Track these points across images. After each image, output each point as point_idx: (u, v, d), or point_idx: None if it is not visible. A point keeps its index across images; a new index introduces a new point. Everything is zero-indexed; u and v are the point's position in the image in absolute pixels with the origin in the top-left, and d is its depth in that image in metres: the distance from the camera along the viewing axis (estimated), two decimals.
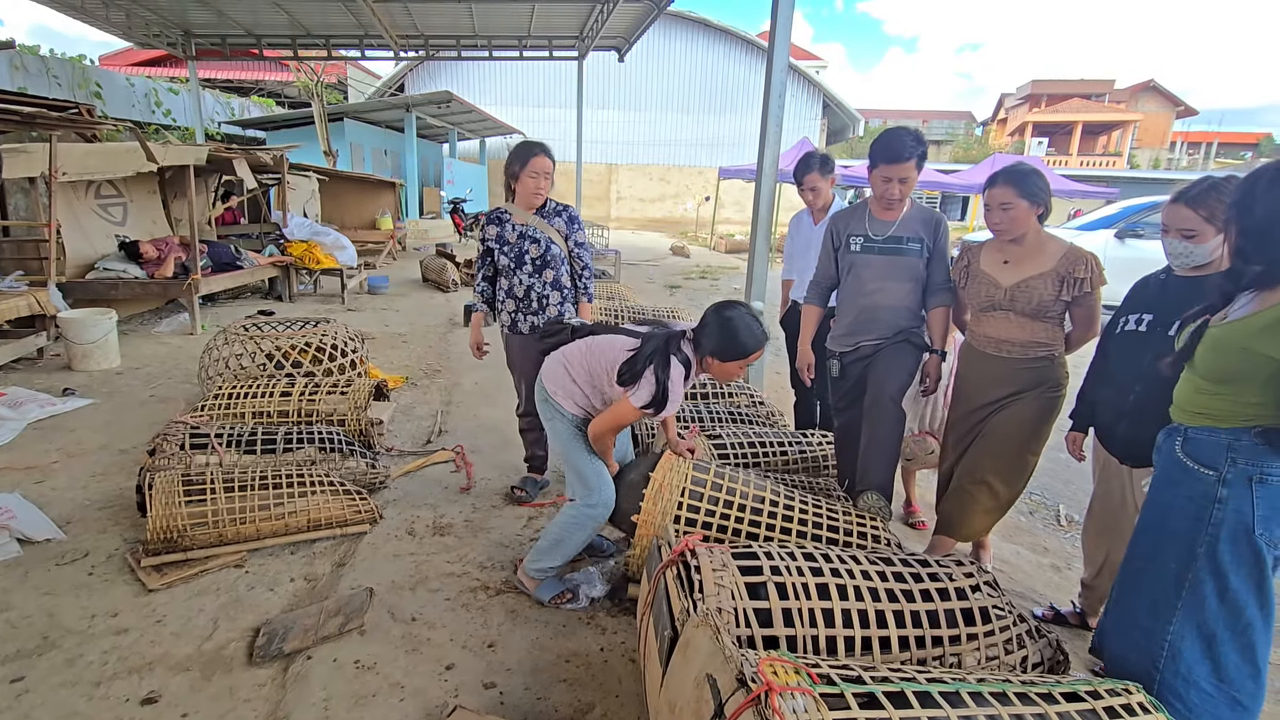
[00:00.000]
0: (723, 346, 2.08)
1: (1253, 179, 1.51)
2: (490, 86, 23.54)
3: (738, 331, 2.06)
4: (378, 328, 6.61)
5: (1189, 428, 1.63)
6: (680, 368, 2.07)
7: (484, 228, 2.98)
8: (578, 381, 2.24)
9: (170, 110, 14.17)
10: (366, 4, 9.58)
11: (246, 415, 3.31)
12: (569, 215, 2.99)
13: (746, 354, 2.09)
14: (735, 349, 2.07)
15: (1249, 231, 1.50)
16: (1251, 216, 1.49)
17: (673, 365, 2.05)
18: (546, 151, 2.85)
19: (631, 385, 2.08)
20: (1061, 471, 3.95)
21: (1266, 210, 1.47)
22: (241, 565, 2.50)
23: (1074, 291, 2.27)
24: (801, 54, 35.17)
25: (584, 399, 2.26)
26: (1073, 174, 22.90)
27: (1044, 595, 2.66)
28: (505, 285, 2.97)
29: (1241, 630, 1.55)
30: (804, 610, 1.65)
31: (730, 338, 2.07)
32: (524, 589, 2.36)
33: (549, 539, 2.30)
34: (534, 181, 2.82)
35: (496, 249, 2.94)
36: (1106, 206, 9.87)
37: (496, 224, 2.95)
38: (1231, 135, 48.65)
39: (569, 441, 2.28)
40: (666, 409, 2.07)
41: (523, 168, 2.80)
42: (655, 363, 2.04)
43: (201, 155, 5.92)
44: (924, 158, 2.45)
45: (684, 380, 2.09)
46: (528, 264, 2.90)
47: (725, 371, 2.14)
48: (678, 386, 2.06)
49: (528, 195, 2.86)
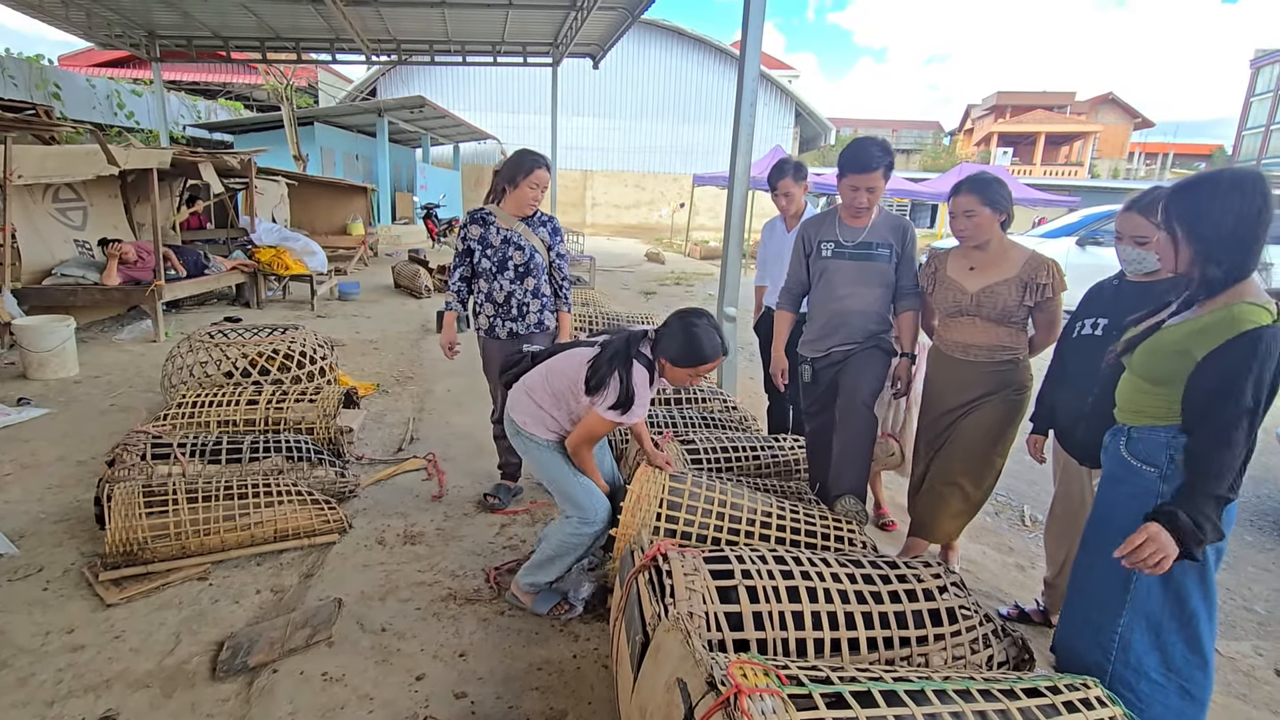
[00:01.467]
0: (682, 352, 2.08)
1: (1210, 191, 1.53)
2: (464, 92, 23.42)
3: (698, 339, 2.08)
4: (348, 334, 6.51)
5: (1132, 427, 1.69)
6: (643, 369, 2.08)
7: (465, 227, 2.93)
8: (544, 407, 2.23)
9: (133, 112, 13.86)
10: (337, 7, 9.47)
11: (211, 424, 3.23)
12: (553, 226, 3.01)
13: (703, 362, 2.09)
14: (693, 356, 2.08)
15: (1212, 240, 1.52)
16: (1218, 226, 1.51)
17: (635, 367, 2.06)
18: (548, 165, 2.89)
19: (598, 393, 2.07)
20: (1025, 473, 4.04)
21: (1234, 218, 1.51)
22: (205, 578, 2.44)
23: (1036, 297, 2.34)
24: (774, 63, 35.64)
25: (554, 422, 2.24)
26: (1036, 183, 23.52)
27: (1009, 594, 2.72)
28: (484, 289, 2.94)
29: (1186, 621, 1.60)
30: (774, 613, 1.67)
31: (691, 343, 2.07)
32: (518, 604, 2.33)
33: (544, 555, 2.27)
34: (532, 192, 2.84)
35: (479, 250, 2.91)
36: (1069, 215, 10.15)
37: (480, 225, 2.91)
38: (1186, 146, 50.47)
39: (551, 466, 2.25)
40: (633, 411, 2.07)
41: (525, 177, 2.81)
42: (617, 365, 2.05)
43: (165, 158, 5.78)
44: (890, 168, 2.50)
45: (648, 382, 2.10)
46: (510, 270, 2.90)
47: (676, 376, 2.15)
48: (643, 388, 2.07)
49: (522, 204, 2.86)
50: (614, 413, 2.06)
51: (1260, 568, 3.23)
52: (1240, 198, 1.50)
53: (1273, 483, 4.19)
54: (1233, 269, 1.52)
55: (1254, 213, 1.49)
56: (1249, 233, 1.50)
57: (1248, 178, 1.52)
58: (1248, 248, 1.52)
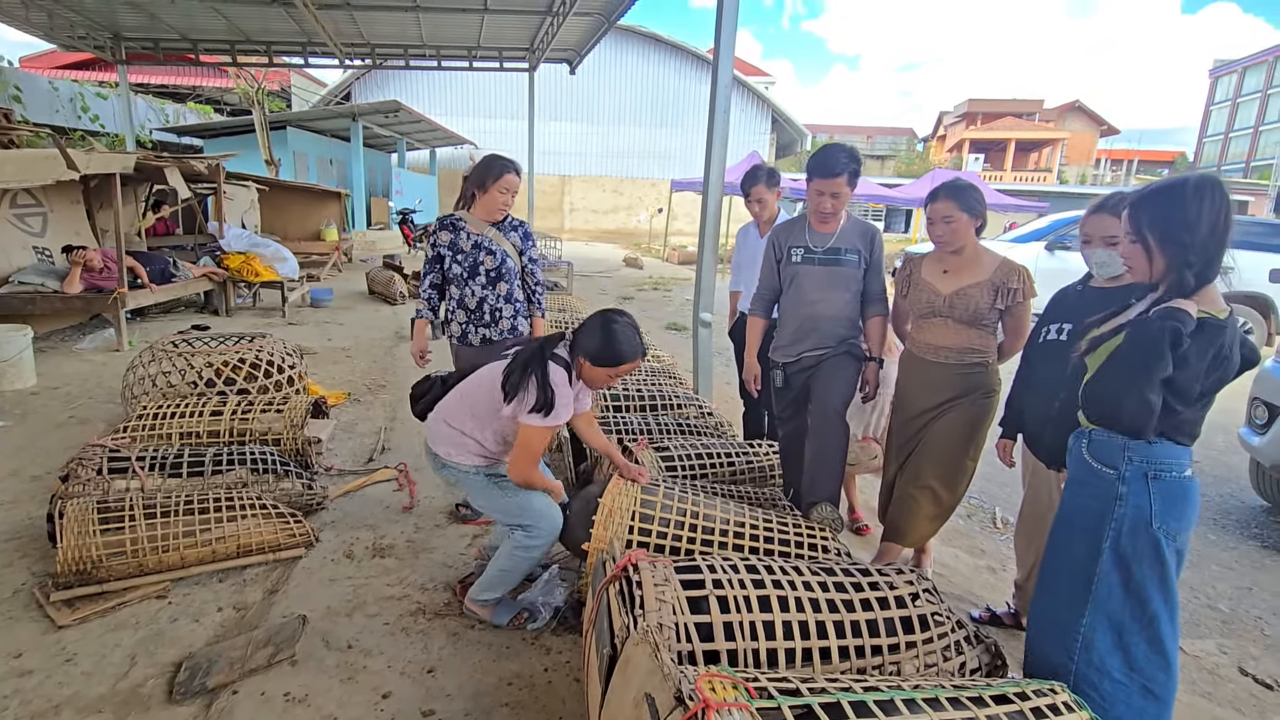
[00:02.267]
0: (599, 350, 2.07)
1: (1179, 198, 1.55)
2: (441, 96, 23.27)
3: (617, 337, 2.06)
4: (320, 342, 6.40)
5: (1092, 429, 1.71)
6: (559, 369, 2.04)
7: (435, 233, 2.90)
8: (466, 431, 2.17)
9: (98, 116, 13.54)
10: (309, 11, 9.34)
11: (173, 436, 3.14)
12: (524, 230, 3.00)
13: (620, 362, 2.08)
14: (611, 354, 2.07)
15: (1189, 245, 1.54)
16: (1193, 232, 1.53)
17: (550, 367, 2.02)
18: (518, 169, 2.87)
19: (516, 397, 2.02)
20: (997, 475, 4.08)
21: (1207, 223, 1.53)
22: (164, 596, 2.36)
23: (1007, 301, 2.39)
24: (750, 69, 35.96)
25: (479, 446, 2.18)
26: (1007, 189, 23.99)
27: (981, 597, 2.73)
28: (456, 295, 2.91)
29: (1148, 622, 1.62)
30: (745, 623, 1.65)
31: (609, 341, 2.06)
32: (477, 617, 2.29)
33: (494, 571, 2.23)
34: (503, 197, 2.82)
35: (449, 256, 2.88)
36: (1038, 220, 10.35)
37: (450, 230, 2.88)
38: (1150, 153, 51.89)
39: (486, 493, 2.20)
40: (557, 413, 2.01)
41: (495, 181, 2.79)
42: (532, 367, 2.02)
43: (129, 163, 5.64)
44: (856, 174, 2.52)
45: (567, 381, 2.05)
46: (481, 275, 2.87)
47: (593, 377, 2.13)
48: (562, 387, 2.02)
49: (493, 208, 2.84)
50: (537, 416, 2.00)
51: (1223, 566, 3.30)
52: (1209, 203, 1.54)
53: (1235, 482, 4.29)
54: (1204, 273, 1.56)
55: (1222, 217, 1.53)
56: (1220, 237, 1.54)
57: (1209, 183, 1.56)
58: (1217, 252, 1.55)
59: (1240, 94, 52.73)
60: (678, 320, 8.85)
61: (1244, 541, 3.59)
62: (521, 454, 2.06)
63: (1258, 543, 3.59)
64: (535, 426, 2.02)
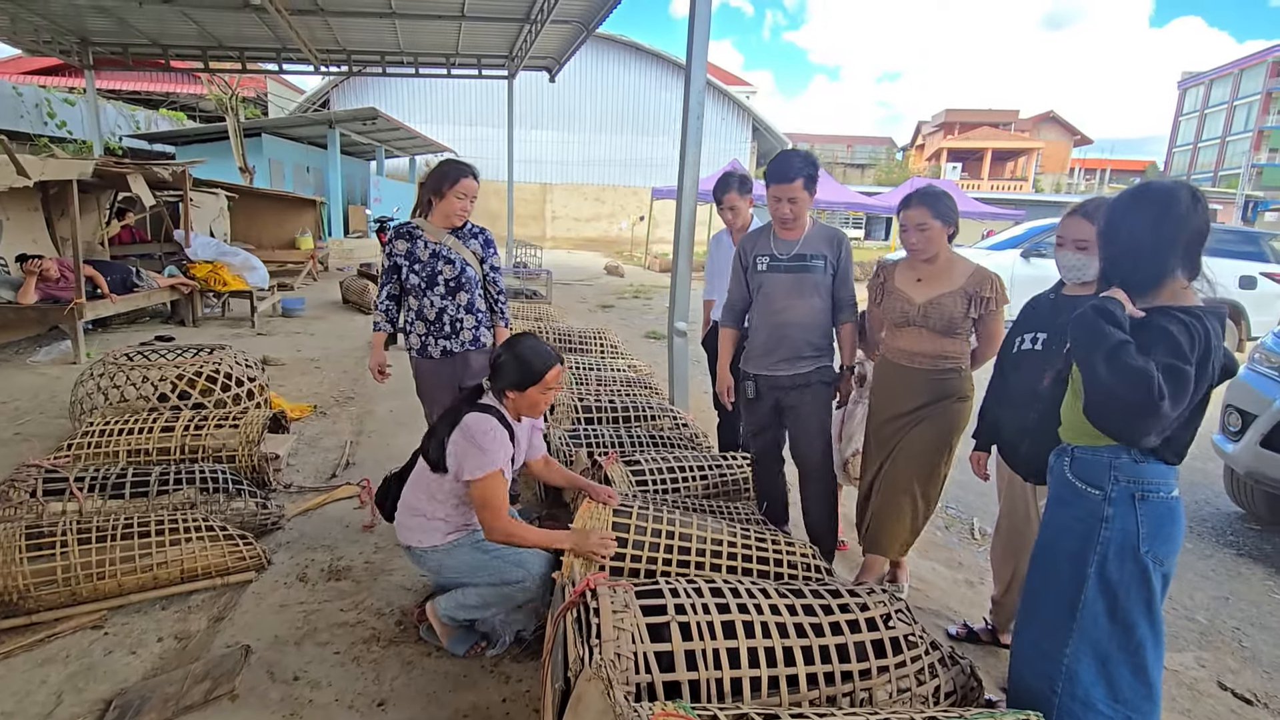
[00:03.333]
0: (517, 375, 2.09)
1: (1112, 204, 1.59)
2: (420, 104, 23.14)
3: (525, 357, 2.09)
4: (289, 353, 6.23)
5: (1076, 447, 1.65)
6: (480, 416, 2.04)
7: (391, 243, 2.83)
8: (426, 513, 2.12)
9: (65, 122, 13.25)
10: (282, 17, 9.20)
11: (120, 454, 3.00)
12: (485, 238, 2.91)
13: (540, 374, 2.09)
14: (529, 373, 2.08)
15: (1108, 254, 1.58)
16: (1114, 241, 1.55)
17: (468, 417, 2.03)
18: (475, 174, 2.79)
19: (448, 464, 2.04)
20: (974, 485, 4.02)
21: (1126, 232, 1.52)
22: (100, 626, 2.22)
23: (981, 310, 2.37)
24: (732, 79, 36.22)
25: (444, 523, 2.12)
26: (984, 197, 24.32)
27: (958, 612, 2.67)
28: (414, 306, 2.82)
29: (1133, 650, 1.55)
30: (709, 651, 1.57)
31: (521, 364, 2.08)
32: (433, 639, 2.16)
33: (474, 597, 2.09)
34: (460, 203, 2.75)
35: (406, 266, 2.79)
36: (1014, 227, 10.45)
37: (407, 239, 2.80)
38: (1123, 163, 52.99)
39: (471, 566, 2.10)
40: (491, 458, 1.99)
41: (451, 187, 2.71)
42: (443, 429, 2.05)
43: (87, 169, 5.46)
44: (813, 179, 2.48)
45: (498, 424, 2.05)
46: (440, 285, 2.78)
47: (530, 403, 2.13)
48: (487, 434, 2.01)
49: (450, 215, 2.76)
50: (476, 470, 1.98)
51: (1200, 575, 3.27)
52: (1136, 214, 1.53)
53: (1211, 488, 4.28)
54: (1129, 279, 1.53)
55: (1147, 223, 1.49)
56: (1149, 248, 1.51)
57: (1152, 192, 1.53)
58: (1146, 262, 1.52)
59: (1208, 105, 54.15)
60: (657, 329, 8.78)
61: (1220, 549, 3.57)
62: (484, 513, 2.01)
63: (1233, 550, 3.57)
64: (480, 479, 1.98)
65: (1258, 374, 3.62)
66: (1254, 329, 7.92)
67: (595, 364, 4.51)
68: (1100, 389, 1.47)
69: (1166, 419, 1.42)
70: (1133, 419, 1.45)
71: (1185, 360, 1.42)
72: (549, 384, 2.12)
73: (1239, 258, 8.07)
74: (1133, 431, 1.48)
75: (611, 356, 4.98)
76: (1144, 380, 1.39)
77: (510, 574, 2.06)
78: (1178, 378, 1.41)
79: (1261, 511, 3.86)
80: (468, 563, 2.10)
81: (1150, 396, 1.38)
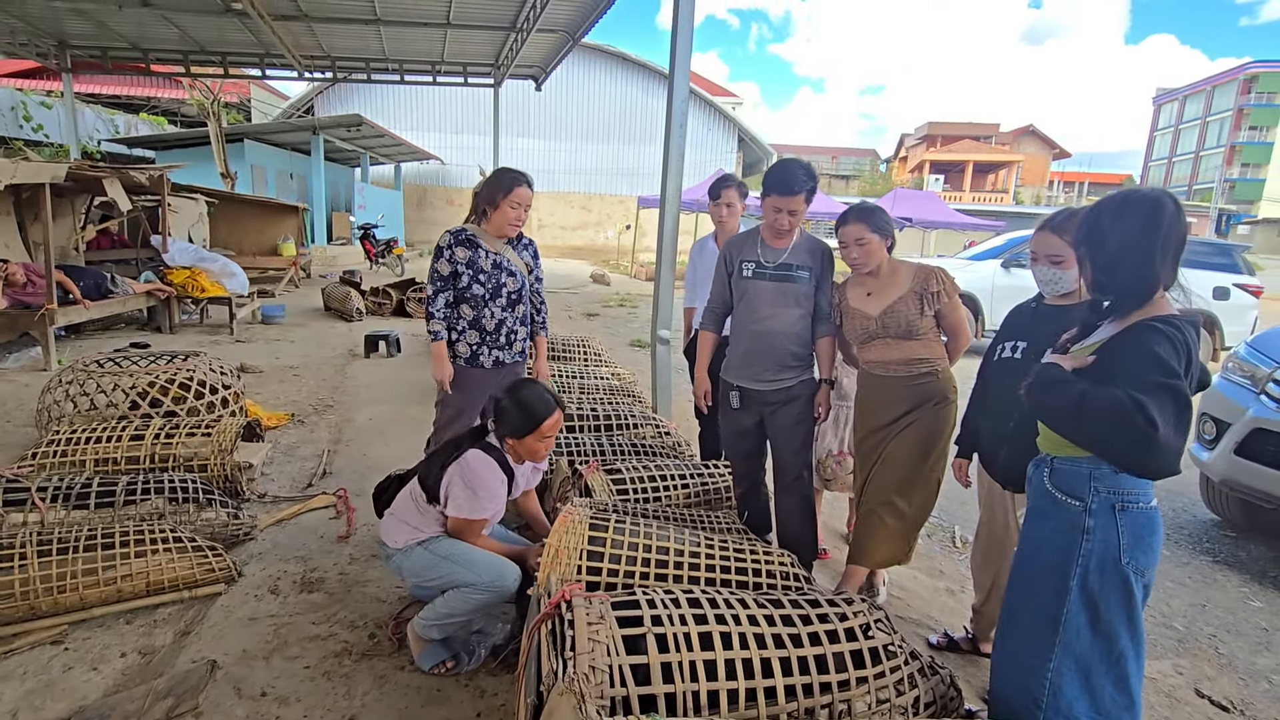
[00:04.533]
0: (518, 423, 2.10)
1: (1096, 213, 1.56)
2: (407, 111, 23.05)
3: (529, 403, 2.10)
4: (267, 360, 6.14)
5: (1055, 458, 1.64)
6: (482, 454, 2.08)
7: (449, 248, 2.76)
8: (413, 524, 2.15)
9: (42, 125, 13.05)
10: (266, 23, 9.14)
11: (87, 463, 2.92)
12: (534, 250, 2.95)
13: (540, 421, 2.10)
14: (530, 420, 2.10)
15: (1101, 265, 1.54)
16: (1103, 250, 1.53)
17: (470, 455, 2.06)
18: (530, 182, 2.78)
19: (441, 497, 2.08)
20: (957, 493, 4.03)
21: (1115, 241, 1.51)
22: (60, 641, 2.15)
23: (935, 305, 2.41)
24: (718, 90, 36.51)
25: (420, 532, 2.15)
26: (966, 208, 24.65)
27: (939, 621, 2.66)
28: (469, 315, 2.79)
29: (1115, 661, 1.55)
30: (685, 663, 1.54)
31: (523, 411, 2.10)
32: (409, 647, 2.13)
33: (440, 610, 2.06)
34: (515, 212, 2.74)
35: (468, 275, 2.76)
36: (995, 238, 10.58)
37: (468, 248, 2.76)
38: (1100, 176, 54.08)
39: (427, 563, 2.10)
40: (479, 505, 2.05)
41: (506, 196, 2.70)
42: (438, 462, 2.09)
43: (59, 172, 5.36)
44: (814, 191, 2.49)
45: (499, 468, 2.09)
46: (503, 297, 2.80)
47: (530, 449, 2.15)
48: (484, 482, 2.05)
49: (504, 225, 2.76)
50: (461, 510, 2.05)
51: (1177, 582, 3.30)
52: (1124, 221, 1.51)
53: (1187, 495, 4.33)
54: (1123, 292, 1.52)
55: (1135, 236, 1.49)
56: (1136, 255, 1.49)
57: (1134, 201, 1.52)
58: (1135, 270, 1.50)
59: (1182, 121, 55.45)
60: (642, 337, 8.76)
61: (1196, 557, 3.60)
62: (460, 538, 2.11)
63: (1209, 557, 3.60)
64: (463, 520, 2.06)
65: (1231, 383, 3.67)
66: (1227, 339, 8.07)
67: (578, 372, 4.48)
68: (1090, 441, 1.48)
69: (1169, 442, 1.39)
70: (1136, 455, 1.44)
71: (1175, 375, 1.40)
72: (545, 432, 2.13)
73: (1213, 269, 8.23)
74: (1144, 466, 1.47)
75: (595, 364, 4.96)
76: (1120, 413, 1.37)
77: (462, 573, 2.05)
78: (1174, 397, 1.39)
79: (1237, 518, 3.90)
80: (420, 560, 2.10)
81: (1135, 424, 1.36)
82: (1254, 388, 3.51)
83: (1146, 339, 1.44)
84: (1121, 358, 1.46)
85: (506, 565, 2.09)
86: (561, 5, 9.22)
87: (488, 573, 2.05)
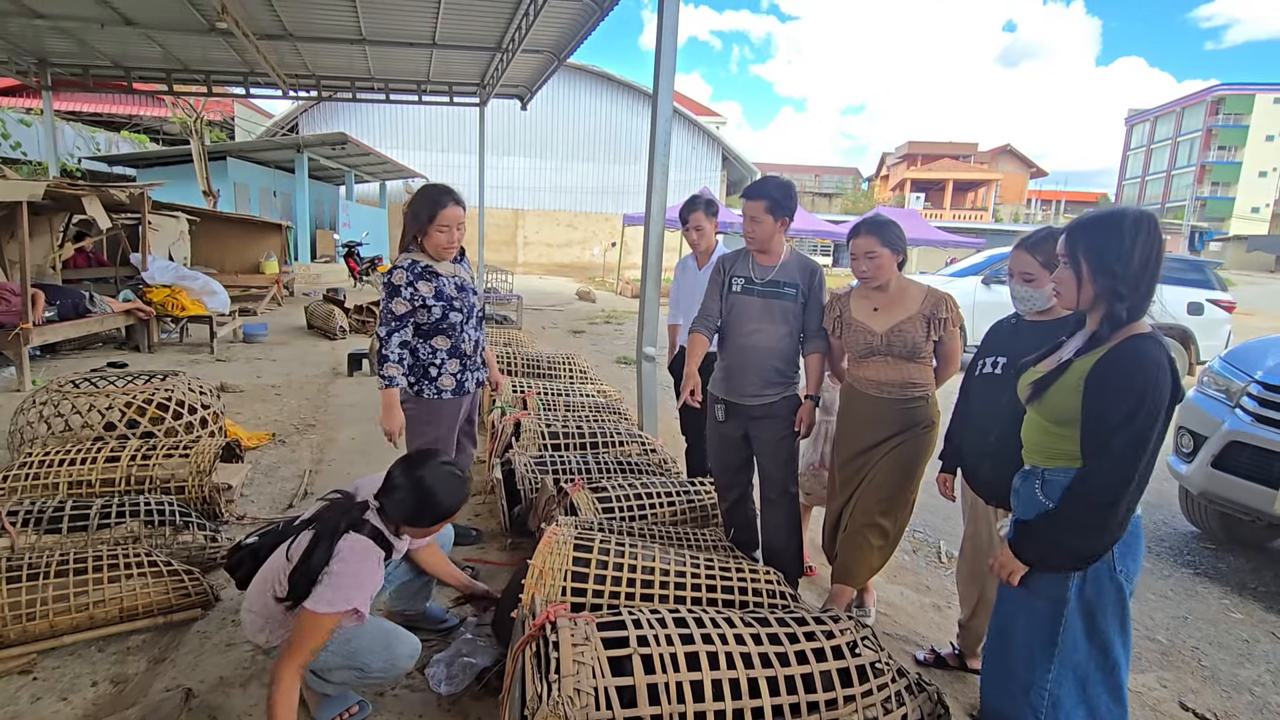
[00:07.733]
0: (415, 511, 1.77)
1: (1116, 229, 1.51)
2: (393, 129, 23.12)
3: (432, 491, 1.77)
4: (248, 379, 6.06)
5: (1046, 469, 1.64)
6: (363, 540, 1.71)
7: (409, 285, 2.52)
8: (275, 620, 1.79)
9: (20, 143, 12.91)
10: (250, 42, 9.12)
11: (61, 486, 2.85)
12: (467, 259, 2.81)
13: (446, 516, 1.83)
14: (432, 511, 1.79)
15: (1125, 278, 1.50)
16: (1129, 265, 1.50)
17: (347, 539, 1.69)
18: (457, 199, 2.55)
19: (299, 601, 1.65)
20: (942, 508, 4.06)
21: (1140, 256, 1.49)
22: (29, 671, 2.08)
23: (940, 331, 2.40)
24: (702, 110, 36.99)
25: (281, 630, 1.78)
26: (947, 226, 25.06)
27: (926, 637, 2.66)
28: (446, 345, 2.65)
29: (1110, 670, 1.56)
30: (671, 684, 1.52)
31: (423, 499, 1.77)
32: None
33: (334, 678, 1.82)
34: (446, 235, 2.53)
35: (440, 306, 2.58)
36: (976, 255, 10.74)
37: (428, 279, 2.55)
38: (1076, 194, 55.30)
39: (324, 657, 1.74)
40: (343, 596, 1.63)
41: (432, 221, 2.50)
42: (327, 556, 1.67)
43: (37, 190, 5.29)
44: (780, 205, 2.50)
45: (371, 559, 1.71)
46: (474, 318, 2.75)
47: (421, 534, 1.90)
48: (354, 571, 1.65)
49: (439, 249, 2.57)
50: (317, 604, 1.62)
51: (1159, 595, 3.32)
52: (1144, 237, 1.50)
53: (1168, 508, 4.38)
54: (1136, 306, 1.52)
55: (1154, 253, 1.50)
56: (1152, 272, 1.51)
57: (1147, 218, 1.54)
58: (1148, 286, 1.52)
59: (1153, 141, 56.97)
60: (627, 354, 8.77)
61: (1178, 569, 3.64)
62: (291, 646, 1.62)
63: (1190, 569, 3.64)
64: (317, 614, 1.61)
65: (1207, 397, 3.74)
66: (1202, 353, 8.22)
67: (564, 389, 4.47)
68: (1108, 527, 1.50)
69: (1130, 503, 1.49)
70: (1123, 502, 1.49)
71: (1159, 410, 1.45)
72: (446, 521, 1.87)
73: (1187, 285, 8.40)
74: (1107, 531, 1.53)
75: (581, 382, 4.95)
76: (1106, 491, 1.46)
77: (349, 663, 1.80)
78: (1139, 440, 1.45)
79: (1216, 531, 3.95)
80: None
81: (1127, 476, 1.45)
82: (1229, 401, 3.57)
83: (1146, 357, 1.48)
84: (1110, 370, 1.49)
85: (398, 646, 1.85)
86: (547, 26, 9.31)
87: (377, 660, 1.81)
